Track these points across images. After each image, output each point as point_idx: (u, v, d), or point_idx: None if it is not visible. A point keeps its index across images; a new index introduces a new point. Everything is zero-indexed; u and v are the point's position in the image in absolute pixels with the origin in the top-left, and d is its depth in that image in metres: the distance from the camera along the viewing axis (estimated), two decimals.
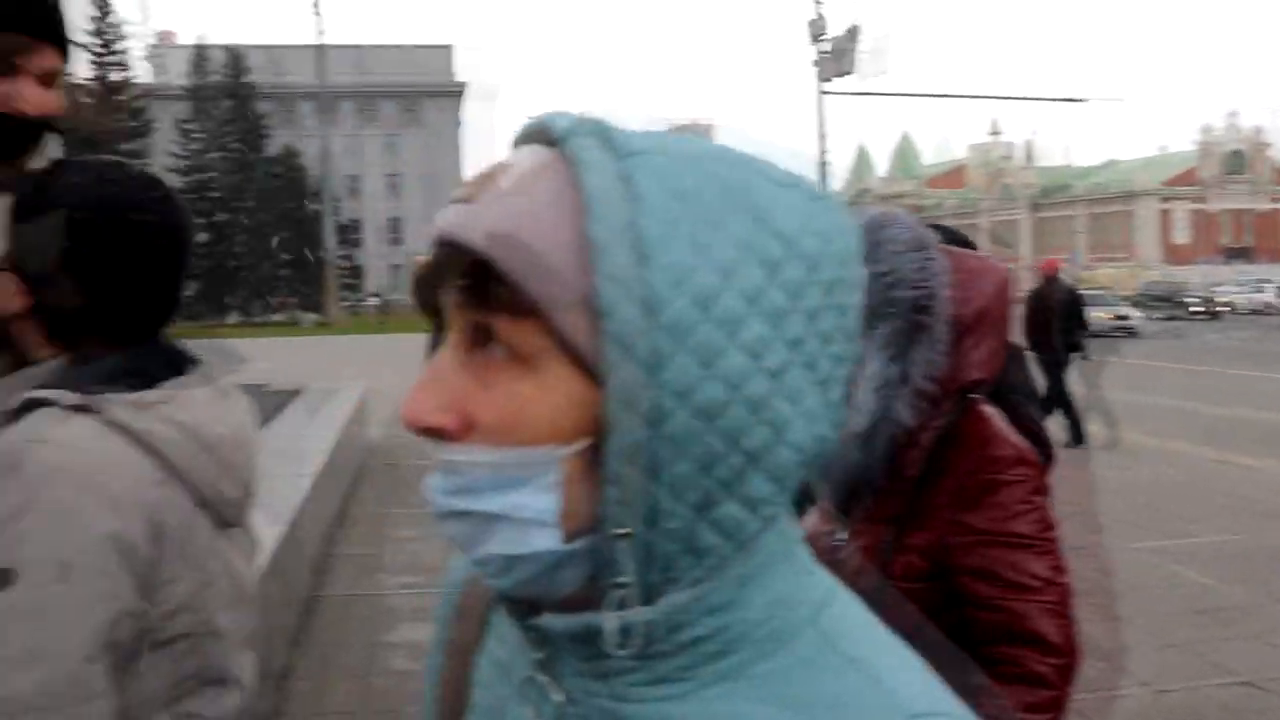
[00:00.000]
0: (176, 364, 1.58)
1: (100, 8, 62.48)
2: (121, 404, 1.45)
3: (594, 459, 0.67)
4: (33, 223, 1.51)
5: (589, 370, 0.66)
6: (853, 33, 34.53)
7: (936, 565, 1.69)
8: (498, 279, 0.66)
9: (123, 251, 1.52)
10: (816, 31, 35.38)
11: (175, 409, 1.49)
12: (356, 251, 79.10)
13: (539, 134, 0.72)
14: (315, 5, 48.56)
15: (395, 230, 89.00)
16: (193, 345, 1.65)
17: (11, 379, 1.54)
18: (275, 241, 68.73)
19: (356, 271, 76.06)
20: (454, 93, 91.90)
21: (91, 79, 59.40)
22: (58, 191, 1.52)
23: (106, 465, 1.41)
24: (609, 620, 0.69)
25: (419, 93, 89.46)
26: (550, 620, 0.72)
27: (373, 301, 65.41)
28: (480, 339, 0.69)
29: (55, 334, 1.54)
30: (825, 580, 0.77)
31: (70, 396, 1.44)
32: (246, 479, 1.60)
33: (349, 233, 74.87)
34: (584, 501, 0.68)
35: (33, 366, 1.55)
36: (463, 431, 0.70)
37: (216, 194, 70.39)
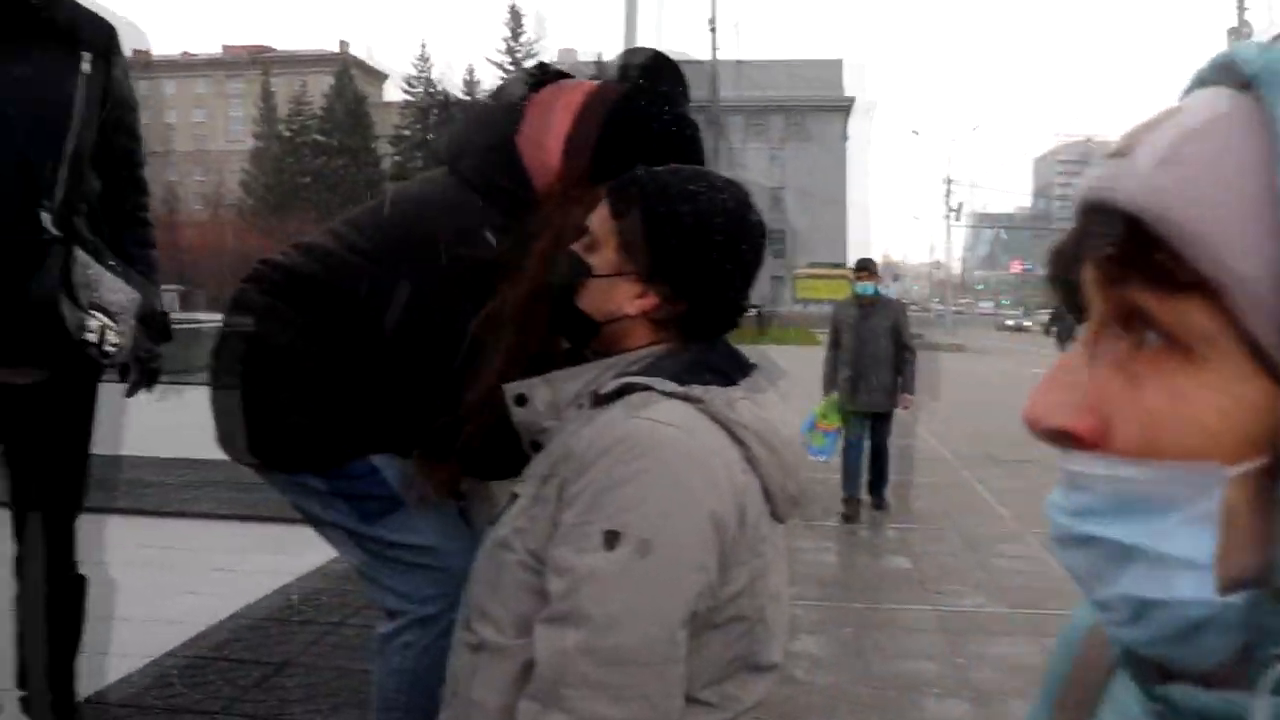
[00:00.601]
0: (742, 365, 1.73)
1: (512, 29, 66.72)
2: (715, 396, 1.59)
3: (1267, 486, 0.53)
4: (653, 231, 1.69)
5: (1271, 364, 0.52)
6: None
7: None
8: (1156, 246, 0.54)
9: (726, 256, 1.69)
10: (1239, 40, 32.91)
11: (755, 406, 1.63)
12: None
13: (1223, 74, 0.59)
14: (711, 23, 49.86)
15: (777, 243, 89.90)
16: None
17: (601, 365, 1.71)
18: None
19: None
20: (841, 107, 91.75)
21: None
22: (673, 200, 1.70)
23: (709, 448, 1.56)
24: (1259, 705, 0.53)
25: (805, 107, 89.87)
26: (1180, 692, 0.58)
27: (752, 312, 66.28)
28: (1129, 324, 0.57)
29: (655, 330, 1.71)
30: None
31: (669, 384, 1.59)
32: (801, 479, 1.70)
33: None
34: (1247, 542, 0.53)
35: (620, 355, 1.71)
36: (1098, 437, 0.57)
37: None
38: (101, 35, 2.94)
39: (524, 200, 2.14)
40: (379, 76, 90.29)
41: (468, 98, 64.32)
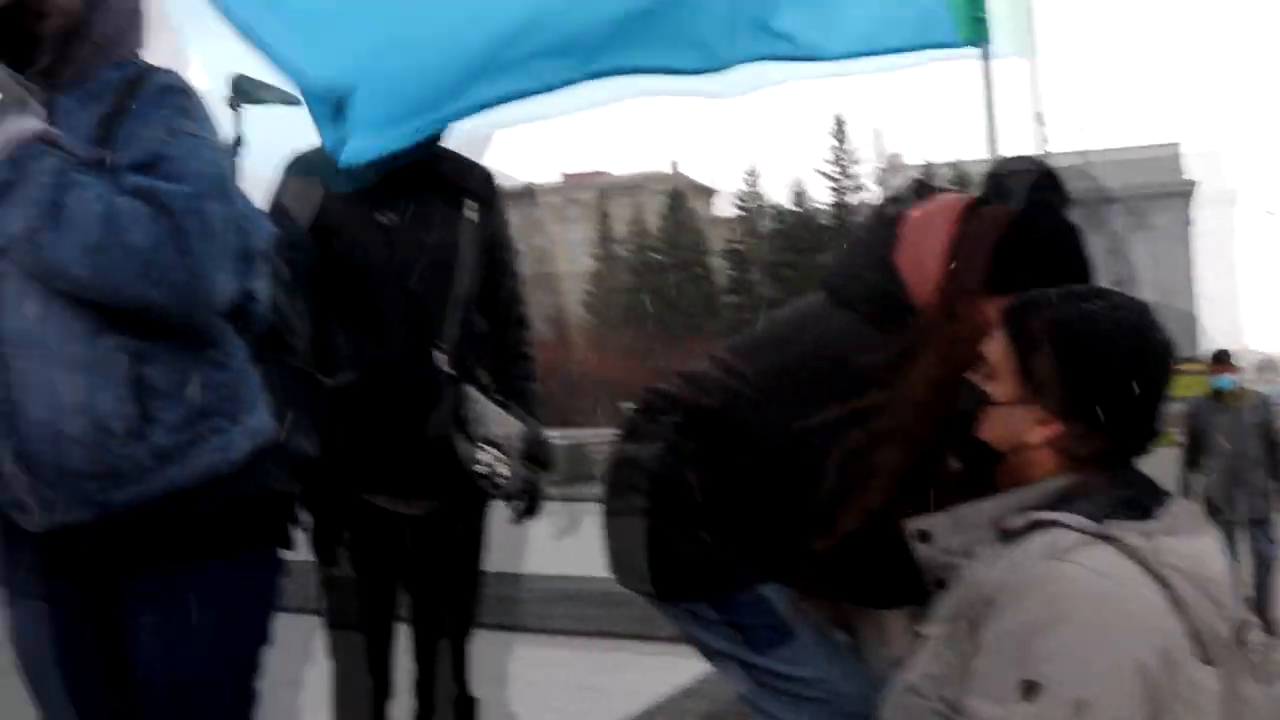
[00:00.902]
0: (1157, 494, 1.62)
1: (838, 138, 67.30)
2: (1132, 532, 1.50)
3: None
4: (1056, 360, 1.63)
5: None
6: None
7: None
8: None
9: (1134, 380, 1.60)
10: None
11: (1175, 540, 1.52)
12: None
13: None
14: (1038, 116, 48.59)
15: None
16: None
17: (1007, 499, 1.65)
18: None
19: None
20: (1182, 194, 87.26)
21: (831, 204, 64.39)
22: (1075, 326, 1.64)
23: (1130, 592, 1.47)
24: None
25: (1145, 195, 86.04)
26: None
27: None
28: None
29: (1060, 458, 1.64)
30: None
31: (1082, 521, 1.51)
32: (1233, 618, 1.56)
33: None
34: None
35: (1026, 486, 1.65)
36: None
37: None
38: (482, 183, 3.15)
39: (905, 320, 2.10)
40: (708, 193, 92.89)
41: (798, 209, 65.07)
